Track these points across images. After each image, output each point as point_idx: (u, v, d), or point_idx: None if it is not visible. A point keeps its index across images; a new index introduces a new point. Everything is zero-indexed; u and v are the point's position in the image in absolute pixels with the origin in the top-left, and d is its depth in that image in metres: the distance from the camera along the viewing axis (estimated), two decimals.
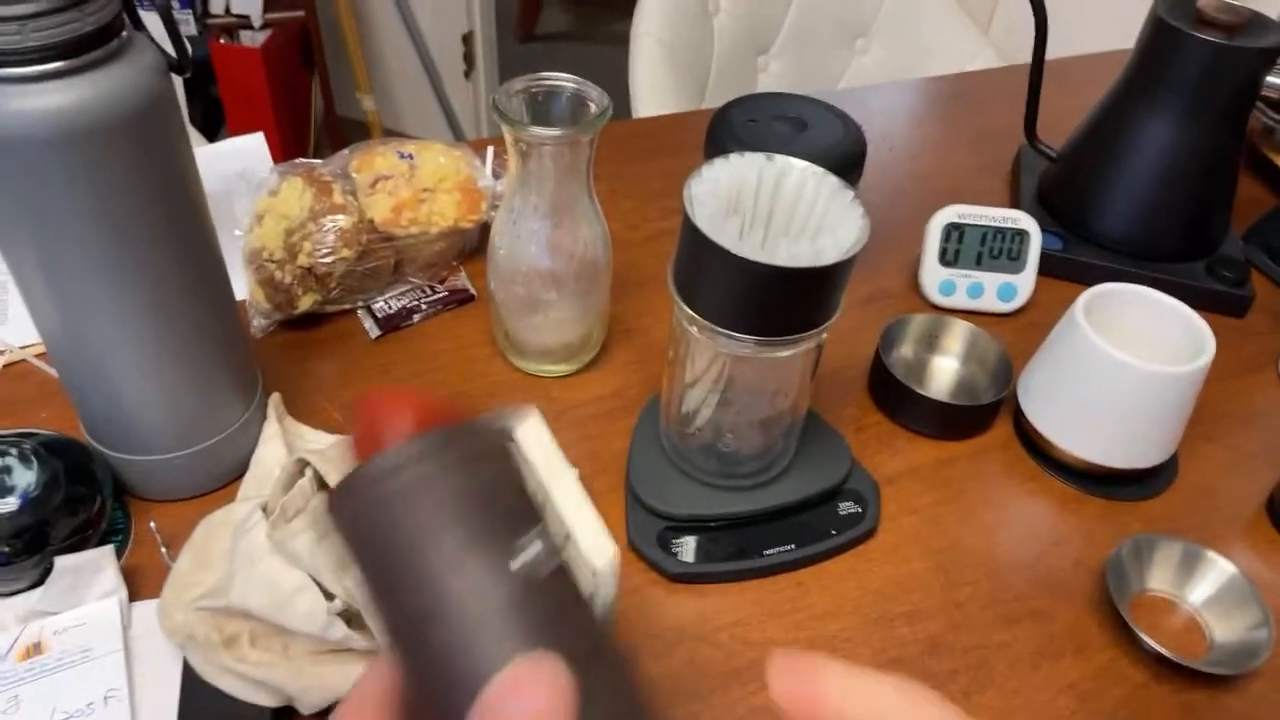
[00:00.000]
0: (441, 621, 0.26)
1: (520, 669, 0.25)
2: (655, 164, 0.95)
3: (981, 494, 0.65)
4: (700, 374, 0.57)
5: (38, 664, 0.50)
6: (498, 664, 0.25)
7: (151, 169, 0.46)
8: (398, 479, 0.27)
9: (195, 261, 0.52)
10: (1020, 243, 0.78)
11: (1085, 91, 0.92)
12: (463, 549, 0.27)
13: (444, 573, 0.27)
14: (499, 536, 0.28)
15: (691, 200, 0.49)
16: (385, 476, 0.27)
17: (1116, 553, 0.58)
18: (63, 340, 0.51)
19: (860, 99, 1.11)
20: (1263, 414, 0.74)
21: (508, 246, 0.64)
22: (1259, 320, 0.82)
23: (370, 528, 0.28)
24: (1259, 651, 0.54)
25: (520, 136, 0.58)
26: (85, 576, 0.52)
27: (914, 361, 0.74)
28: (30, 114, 0.42)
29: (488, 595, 0.27)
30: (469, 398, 0.68)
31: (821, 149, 0.69)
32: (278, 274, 0.67)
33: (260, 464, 0.60)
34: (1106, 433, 0.63)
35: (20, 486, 0.51)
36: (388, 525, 0.28)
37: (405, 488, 0.27)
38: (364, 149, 0.76)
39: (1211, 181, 0.82)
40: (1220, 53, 0.74)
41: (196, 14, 2.03)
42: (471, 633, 0.26)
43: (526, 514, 0.29)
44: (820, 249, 0.47)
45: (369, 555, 0.28)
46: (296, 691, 0.47)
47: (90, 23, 0.42)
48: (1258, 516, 0.66)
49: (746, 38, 1.44)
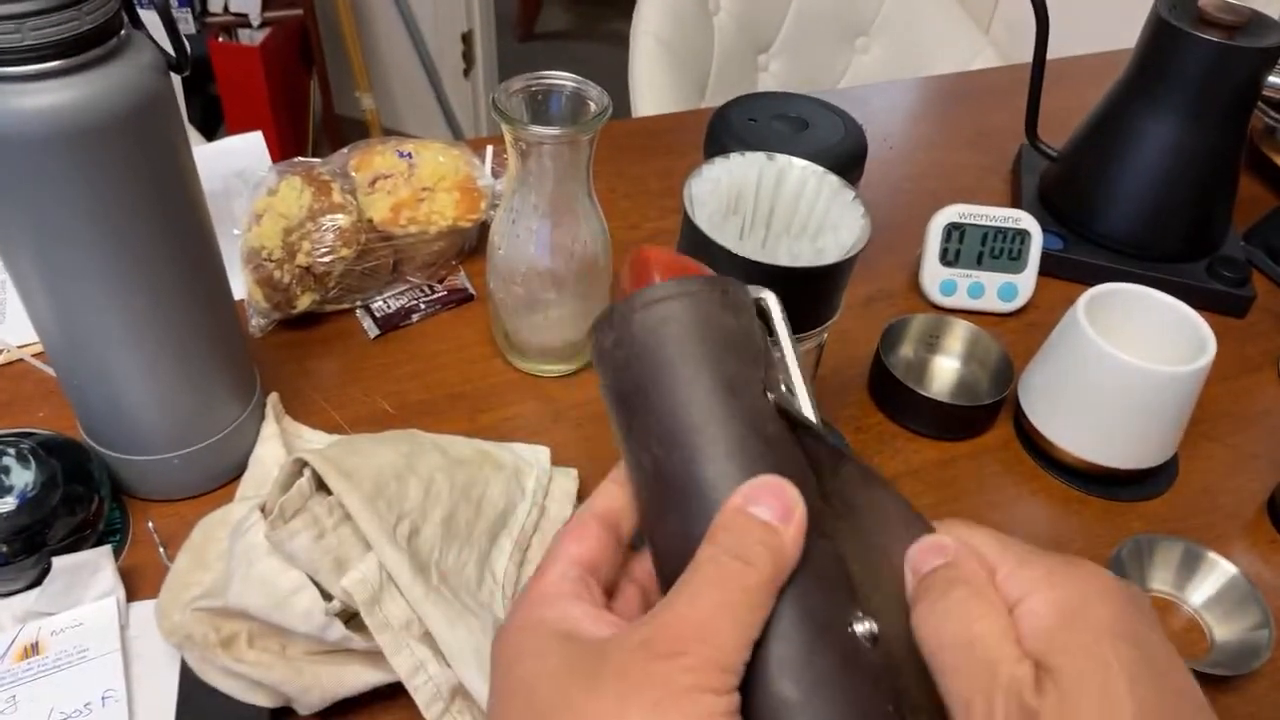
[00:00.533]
0: (699, 437, 0.30)
1: (760, 484, 0.29)
2: (655, 163, 0.95)
3: (981, 494, 0.65)
4: None
5: (35, 664, 0.50)
6: (740, 482, 0.29)
7: (150, 168, 0.46)
8: (672, 305, 0.31)
9: (193, 260, 0.52)
10: (1021, 242, 0.78)
11: (1085, 91, 0.92)
12: (727, 378, 0.30)
13: (707, 395, 0.30)
14: (754, 375, 0.31)
15: (691, 200, 0.49)
16: (660, 301, 0.31)
17: (1116, 553, 0.58)
18: (60, 340, 0.51)
19: (860, 98, 1.10)
20: (1263, 414, 0.73)
21: (507, 246, 0.64)
22: (1259, 320, 0.82)
23: (639, 346, 0.31)
24: (1259, 652, 0.54)
25: (520, 135, 0.58)
26: (83, 577, 0.52)
27: (914, 361, 0.73)
28: (28, 113, 0.41)
29: (745, 423, 0.30)
30: (469, 398, 0.68)
31: (822, 148, 0.69)
32: (276, 273, 0.67)
33: (258, 464, 0.60)
34: (1107, 433, 0.63)
35: (18, 486, 0.51)
36: (656, 346, 0.31)
37: (679, 312, 0.31)
38: (363, 148, 0.76)
39: (1212, 181, 0.82)
40: (1221, 52, 0.74)
41: (195, 12, 2.02)
42: (725, 453, 0.29)
43: (774, 366, 0.33)
44: (821, 248, 0.47)
45: (632, 370, 0.32)
46: (294, 692, 0.47)
47: (89, 21, 0.42)
48: (1258, 516, 0.66)
49: (746, 37, 1.44)
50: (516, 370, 0.70)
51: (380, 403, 0.67)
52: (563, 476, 0.60)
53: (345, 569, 0.47)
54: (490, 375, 0.70)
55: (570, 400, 0.69)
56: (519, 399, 0.68)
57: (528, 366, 0.70)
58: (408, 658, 0.46)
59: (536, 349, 0.69)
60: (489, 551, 0.53)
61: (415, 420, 0.66)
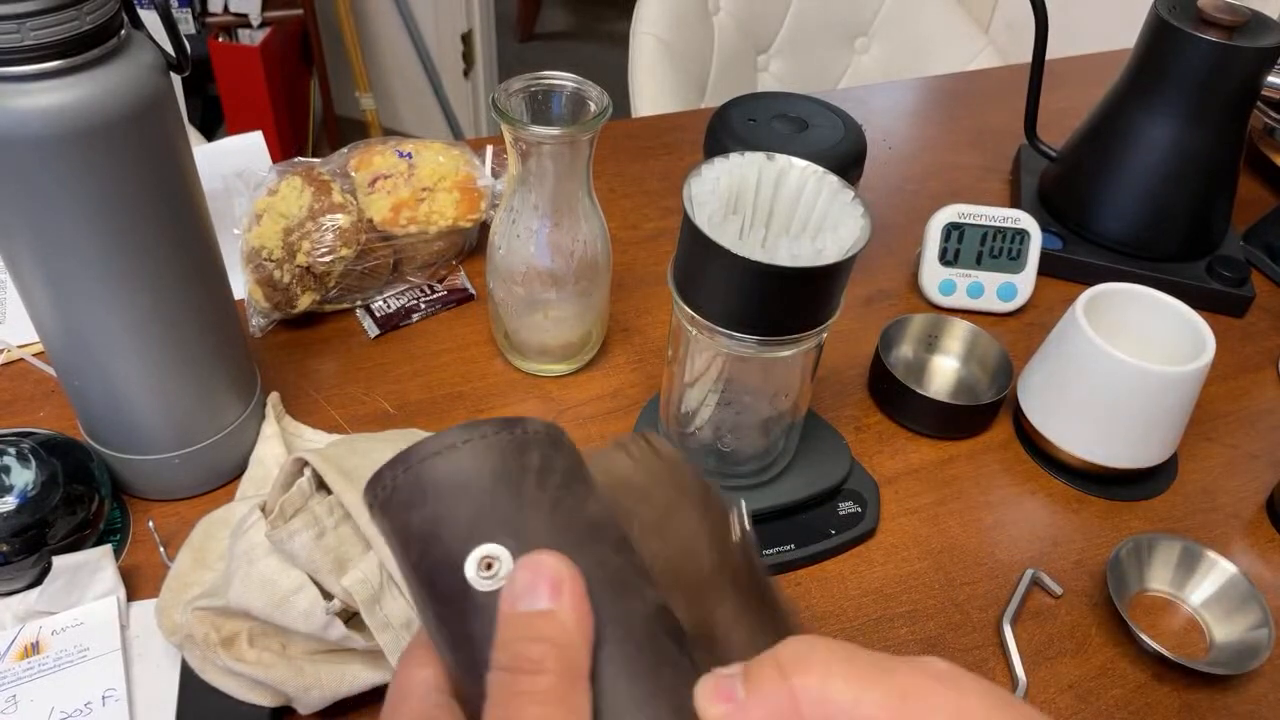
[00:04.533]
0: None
1: (520, 574, 0.25)
2: (655, 163, 0.95)
3: (981, 494, 0.65)
4: (700, 374, 0.57)
5: (36, 663, 0.50)
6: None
7: (150, 168, 0.46)
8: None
9: (194, 260, 0.52)
10: (1020, 242, 0.78)
11: (1085, 91, 0.92)
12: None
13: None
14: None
15: (691, 200, 0.49)
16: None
17: (1116, 553, 0.58)
18: (61, 339, 0.51)
19: (860, 98, 1.10)
20: (1263, 414, 0.73)
21: (507, 246, 0.64)
22: (1259, 320, 0.82)
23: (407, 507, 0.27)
24: (1259, 651, 0.54)
25: (520, 136, 0.58)
26: (83, 576, 0.52)
27: (914, 361, 0.73)
28: (29, 113, 0.41)
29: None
30: (469, 398, 0.68)
31: (821, 148, 0.69)
32: (276, 273, 0.67)
33: (259, 463, 0.60)
34: (1106, 433, 0.63)
35: (18, 486, 0.51)
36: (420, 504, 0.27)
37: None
38: (363, 148, 0.76)
39: (1212, 181, 0.82)
40: (1221, 52, 0.74)
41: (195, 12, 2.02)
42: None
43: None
44: (821, 248, 0.47)
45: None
46: (295, 691, 0.47)
47: (89, 21, 0.42)
48: (1258, 516, 0.66)
49: (746, 37, 1.44)
50: (516, 370, 0.71)
51: (380, 402, 0.67)
52: None
53: (345, 568, 0.47)
54: (490, 375, 0.70)
55: (570, 400, 0.69)
56: (519, 399, 0.68)
57: (528, 366, 0.70)
58: None
59: (536, 349, 0.69)
60: None
61: (415, 420, 0.66)
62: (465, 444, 0.27)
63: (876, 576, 0.59)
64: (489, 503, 0.26)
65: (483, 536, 0.26)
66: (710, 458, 0.60)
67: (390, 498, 0.27)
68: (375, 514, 0.28)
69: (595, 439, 0.66)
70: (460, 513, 0.26)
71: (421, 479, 0.27)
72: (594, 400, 0.69)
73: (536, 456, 0.27)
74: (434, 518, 0.26)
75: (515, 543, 0.26)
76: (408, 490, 0.27)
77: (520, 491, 0.27)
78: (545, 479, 0.27)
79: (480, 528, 0.26)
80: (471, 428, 0.27)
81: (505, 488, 0.27)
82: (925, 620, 0.57)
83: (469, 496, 0.26)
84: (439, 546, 0.26)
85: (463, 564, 0.25)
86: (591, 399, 0.69)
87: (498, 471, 0.27)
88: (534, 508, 0.26)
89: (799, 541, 0.59)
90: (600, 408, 0.68)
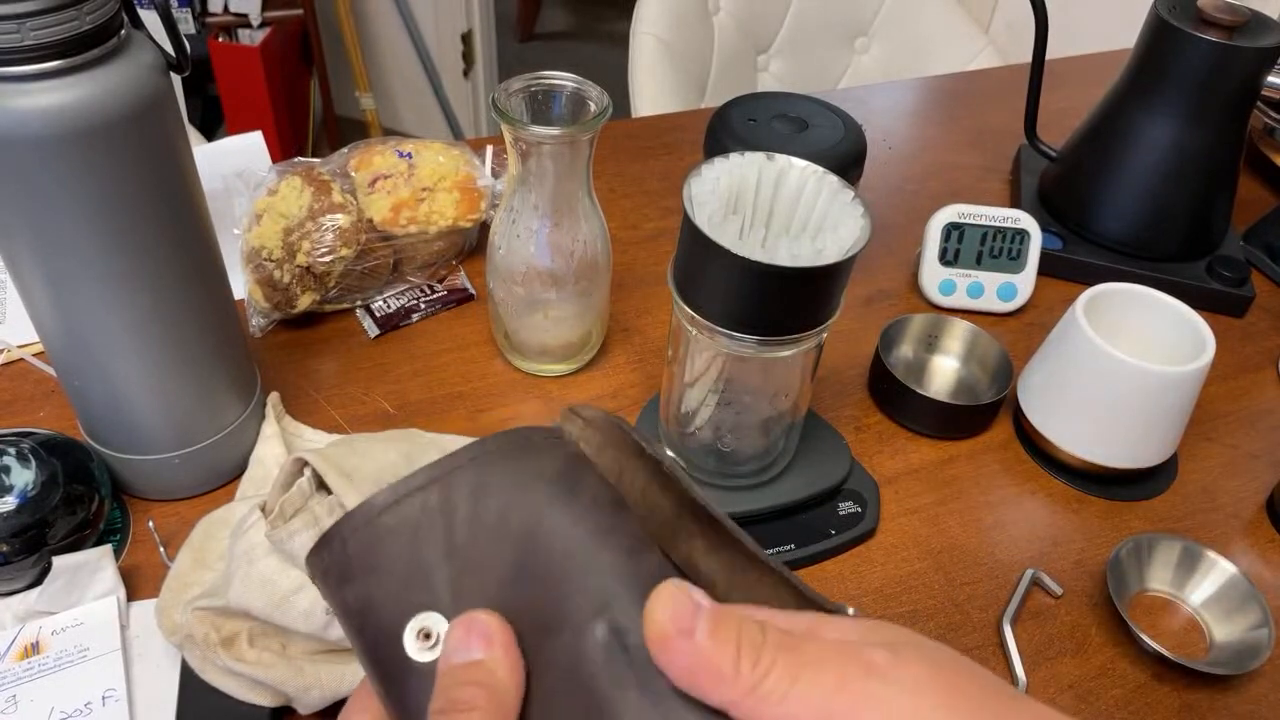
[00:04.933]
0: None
1: (452, 636, 0.26)
2: (655, 163, 0.95)
3: (981, 494, 0.65)
4: (700, 374, 0.57)
5: (35, 663, 0.50)
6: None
7: (150, 168, 0.46)
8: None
9: (194, 260, 0.52)
10: (1020, 242, 0.78)
11: (1085, 91, 0.92)
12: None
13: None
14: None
15: (691, 200, 0.49)
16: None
17: (1116, 553, 0.58)
18: (61, 339, 0.51)
19: (860, 98, 1.10)
20: (1263, 414, 0.73)
21: (507, 246, 0.64)
22: (1259, 320, 0.82)
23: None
24: (1259, 651, 0.54)
25: (520, 136, 0.58)
26: (83, 576, 0.52)
27: (914, 361, 0.74)
28: (29, 113, 0.41)
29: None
30: (469, 398, 0.68)
31: (821, 148, 0.69)
32: (276, 273, 0.67)
33: (259, 463, 0.60)
34: (1106, 433, 0.63)
35: (18, 486, 0.51)
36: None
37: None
38: (363, 148, 0.76)
39: (1212, 181, 0.82)
40: (1221, 52, 0.74)
41: (195, 12, 2.02)
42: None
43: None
44: (821, 248, 0.47)
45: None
46: (295, 691, 0.47)
47: (89, 21, 0.42)
48: (1258, 516, 0.66)
49: (746, 37, 1.44)
50: (516, 370, 0.71)
51: (380, 402, 0.67)
52: None
53: None
54: (490, 375, 0.70)
55: (570, 400, 0.69)
56: (519, 399, 0.68)
57: (527, 366, 0.70)
58: None
59: (536, 349, 0.69)
60: None
61: (415, 420, 0.66)
62: (388, 510, 0.27)
63: (876, 576, 0.59)
64: (418, 571, 0.27)
65: (416, 607, 0.26)
66: (710, 458, 0.60)
67: (327, 573, 0.28)
68: (318, 586, 0.28)
69: None
70: (390, 586, 0.26)
71: (349, 553, 0.27)
72: (594, 400, 0.69)
73: (464, 503, 0.27)
74: (366, 595, 0.27)
75: (450, 602, 0.26)
76: (339, 566, 0.27)
77: (450, 549, 0.27)
78: (475, 526, 0.27)
79: (412, 598, 0.26)
80: (395, 488, 0.27)
81: (432, 549, 0.27)
82: (925, 620, 0.57)
83: (397, 567, 0.27)
84: (375, 621, 0.26)
85: (401, 636, 0.26)
86: (591, 399, 0.69)
87: (424, 534, 0.27)
88: (462, 563, 0.27)
89: (799, 541, 0.59)
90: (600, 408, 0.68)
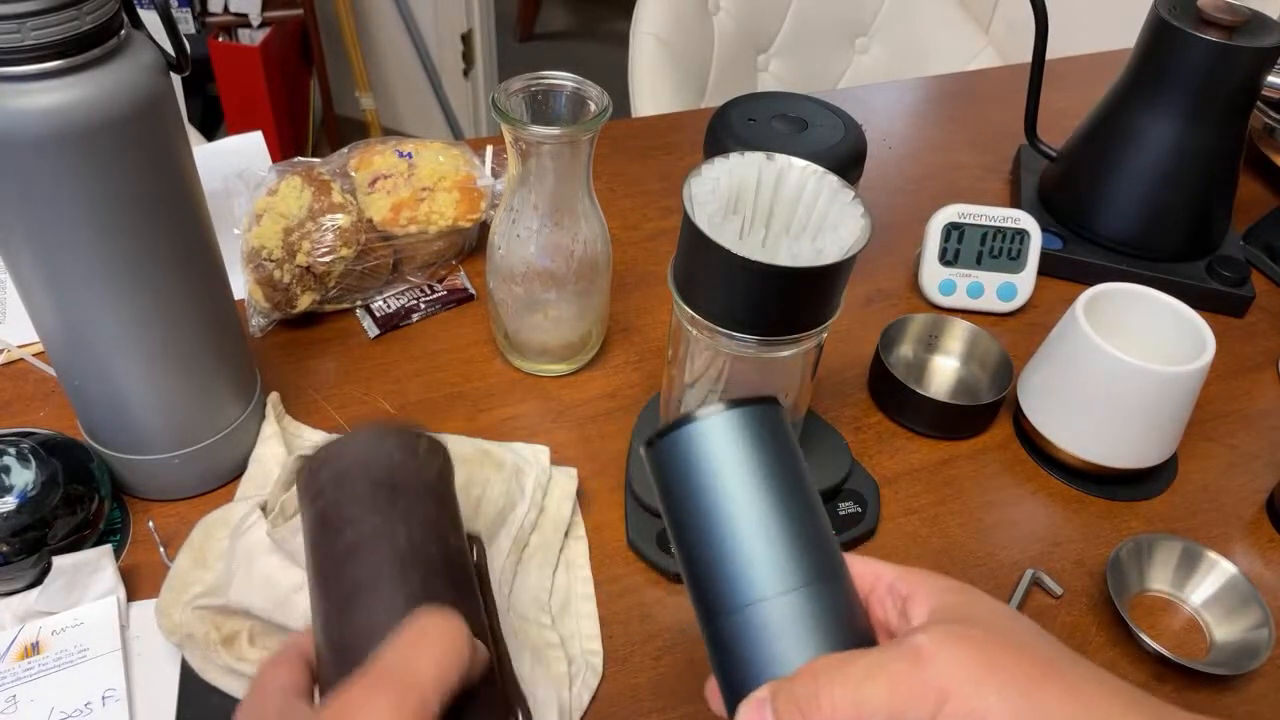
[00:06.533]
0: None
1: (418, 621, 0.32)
2: (655, 163, 0.95)
3: (981, 494, 0.65)
4: (700, 374, 0.57)
5: (35, 663, 0.50)
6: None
7: (150, 168, 0.46)
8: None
9: (194, 260, 0.52)
10: (1020, 242, 0.78)
11: (1085, 91, 0.92)
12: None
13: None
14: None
15: (691, 200, 0.49)
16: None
17: (1116, 553, 0.58)
18: (61, 339, 0.51)
19: (860, 98, 1.10)
20: (1263, 414, 0.73)
21: (507, 246, 0.64)
22: (1259, 320, 0.82)
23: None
24: (1259, 651, 0.54)
25: (520, 135, 0.58)
26: (83, 576, 0.52)
27: (914, 361, 0.73)
28: (29, 113, 0.41)
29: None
30: (469, 398, 0.68)
31: (821, 148, 0.69)
32: (276, 273, 0.67)
33: (259, 463, 0.60)
34: (1106, 433, 0.63)
35: (18, 486, 0.51)
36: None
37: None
38: (363, 148, 0.76)
39: (1212, 181, 0.82)
40: (1221, 52, 0.74)
41: (195, 12, 2.02)
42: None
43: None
44: (821, 248, 0.47)
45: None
46: None
47: (89, 21, 0.42)
48: (1258, 516, 0.66)
49: (746, 36, 1.44)
50: (516, 370, 0.71)
51: (380, 402, 0.67)
52: (562, 476, 0.60)
53: None
54: (490, 375, 0.70)
55: (570, 400, 0.69)
56: (519, 399, 0.68)
57: (527, 366, 0.70)
58: None
59: (536, 349, 0.69)
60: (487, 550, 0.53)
61: (415, 420, 0.66)
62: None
63: None
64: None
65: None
66: None
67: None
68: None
69: (595, 439, 0.66)
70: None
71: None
72: (594, 400, 0.69)
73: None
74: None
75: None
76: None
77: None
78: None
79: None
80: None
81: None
82: None
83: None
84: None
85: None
86: (591, 399, 0.69)
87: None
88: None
89: None
90: (600, 408, 0.68)
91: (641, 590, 0.57)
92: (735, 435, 0.34)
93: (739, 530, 0.32)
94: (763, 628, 0.31)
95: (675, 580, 0.58)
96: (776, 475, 0.33)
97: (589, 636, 0.54)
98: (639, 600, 0.57)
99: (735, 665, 0.32)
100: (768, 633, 0.31)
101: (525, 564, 0.55)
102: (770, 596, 0.31)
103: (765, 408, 0.35)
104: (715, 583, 0.32)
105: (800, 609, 0.31)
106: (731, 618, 0.32)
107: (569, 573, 0.57)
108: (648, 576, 0.58)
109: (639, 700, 0.52)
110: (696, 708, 0.52)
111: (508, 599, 0.53)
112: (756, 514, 0.33)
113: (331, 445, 0.38)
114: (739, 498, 0.33)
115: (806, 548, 0.32)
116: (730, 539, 0.32)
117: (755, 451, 0.34)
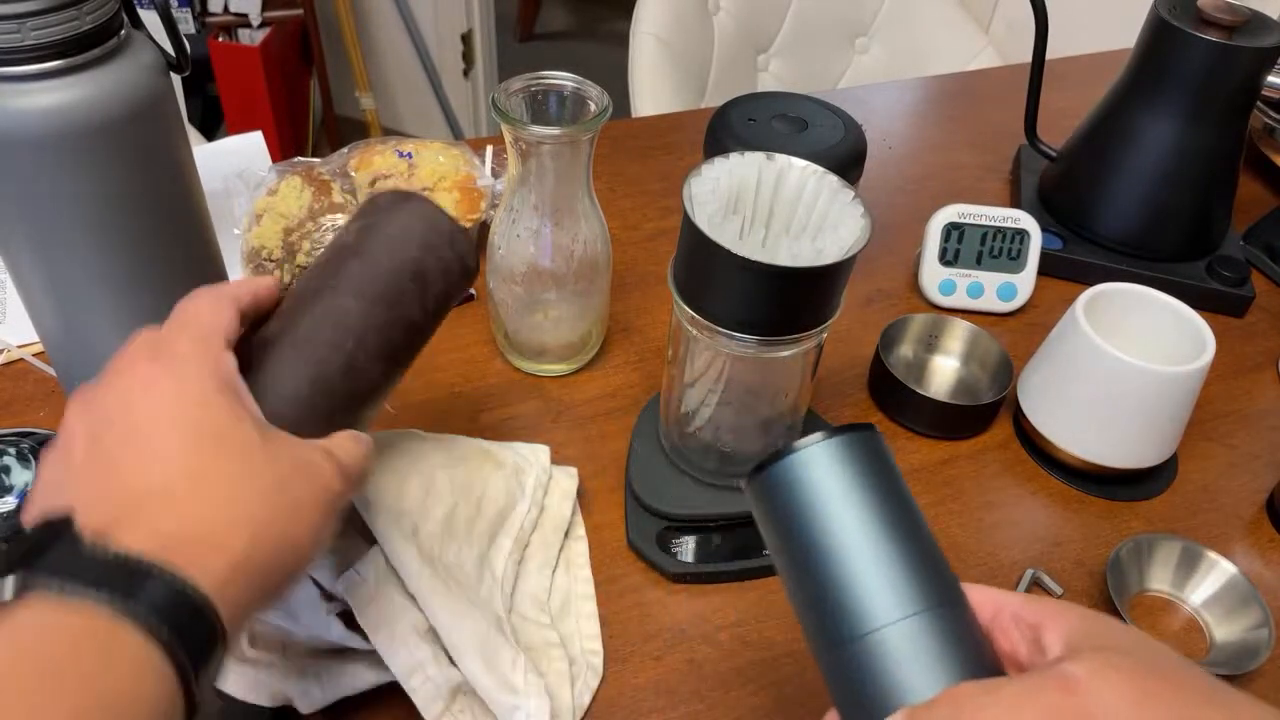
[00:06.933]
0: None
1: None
2: (655, 163, 0.95)
3: (981, 494, 0.65)
4: (700, 373, 0.57)
5: None
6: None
7: (150, 168, 0.46)
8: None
9: (194, 260, 0.52)
10: (1020, 242, 0.78)
11: (1085, 91, 0.92)
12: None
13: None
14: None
15: (691, 199, 0.49)
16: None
17: (1116, 553, 0.58)
18: (61, 339, 0.51)
19: (860, 98, 1.10)
20: (1263, 414, 0.73)
21: (507, 246, 0.64)
22: (1259, 320, 0.82)
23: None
24: (1259, 651, 0.54)
25: (520, 135, 0.58)
26: None
27: (914, 361, 0.74)
28: (29, 112, 0.42)
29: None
30: (469, 398, 0.68)
31: (821, 148, 0.69)
32: (276, 273, 0.67)
33: None
34: (1106, 433, 0.63)
35: (18, 486, 0.51)
36: None
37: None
38: (363, 148, 0.76)
39: (1212, 181, 0.82)
40: (1221, 52, 0.74)
41: (195, 12, 2.02)
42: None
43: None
44: (821, 248, 0.47)
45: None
46: (295, 691, 0.47)
47: (89, 21, 0.42)
48: (1258, 516, 0.66)
49: (746, 36, 1.44)
50: (516, 370, 0.71)
51: None
52: (562, 475, 0.60)
53: (345, 568, 0.47)
54: (490, 375, 0.70)
55: (570, 400, 0.69)
56: (519, 399, 0.68)
57: (528, 366, 0.70)
58: (405, 658, 0.46)
59: (536, 349, 0.69)
60: (488, 550, 0.53)
61: (415, 420, 0.66)
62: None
63: None
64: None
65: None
66: (710, 458, 0.60)
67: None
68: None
69: (595, 439, 0.66)
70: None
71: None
72: (594, 400, 0.69)
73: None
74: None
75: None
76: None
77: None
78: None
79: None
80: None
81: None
82: None
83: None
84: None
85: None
86: (591, 399, 0.69)
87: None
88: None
89: None
90: (600, 408, 0.68)
91: (641, 590, 0.57)
92: (840, 462, 0.33)
93: (854, 557, 0.32)
94: (888, 654, 0.31)
95: (675, 580, 0.58)
96: (887, 500, 0.33)
97: (589, 636, 0.54)
98: (639, 600, 0.57)
99: (860, 693, 0.31)
100: (894, 659, 0.31)
101: (526, 564, 0.55)
102: (893, 621, 0.31)
103: (867, 434, 0.34)
104: (833, 611, 0.32)
105: (926, 634, 0.31)
106: (853, 645, 0.31)
107: (569, 573, 0.57)
108: (648, 576, 0.58)
109: (639, 700, 0.52)
110: (699, 706, 0.52)
111: (509, 598, 0.53)
112: (871, 540, 0.32)
113: (414, 205, 0.44)
114: (851, 524, 0.32)
115: (925, 572, 0.32)
116: (846, 565, 0.32)
117: (863, 477, 0.33)
